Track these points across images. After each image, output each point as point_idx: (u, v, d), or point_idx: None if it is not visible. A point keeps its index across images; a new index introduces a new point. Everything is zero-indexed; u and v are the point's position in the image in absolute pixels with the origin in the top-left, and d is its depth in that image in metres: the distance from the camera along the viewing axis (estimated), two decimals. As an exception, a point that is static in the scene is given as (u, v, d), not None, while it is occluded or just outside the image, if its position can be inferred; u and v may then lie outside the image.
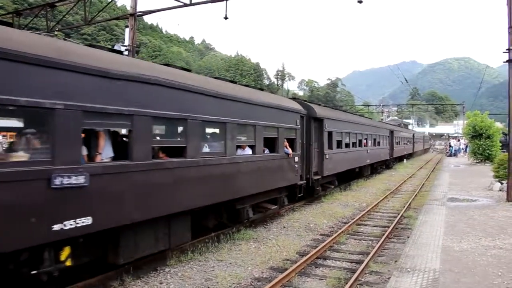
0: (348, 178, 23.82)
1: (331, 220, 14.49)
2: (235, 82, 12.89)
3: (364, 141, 26.47)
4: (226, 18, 17.55)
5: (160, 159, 8.51)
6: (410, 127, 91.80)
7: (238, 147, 11.38)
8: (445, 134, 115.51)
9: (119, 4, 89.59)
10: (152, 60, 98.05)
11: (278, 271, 8.89)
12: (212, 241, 10.75)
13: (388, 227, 13.00)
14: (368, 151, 27.29)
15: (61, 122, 6.10)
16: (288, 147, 14.08)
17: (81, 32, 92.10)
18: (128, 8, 19.36)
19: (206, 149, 10.01)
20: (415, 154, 59.15)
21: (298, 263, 9.11)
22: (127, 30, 18.91)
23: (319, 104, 21.61)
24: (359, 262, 9.50)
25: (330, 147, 18.90)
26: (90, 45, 7.73)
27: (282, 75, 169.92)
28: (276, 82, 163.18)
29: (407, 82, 55.51)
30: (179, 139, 9.17)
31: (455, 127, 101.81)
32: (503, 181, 20.25)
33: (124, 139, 8.62)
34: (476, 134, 37.53)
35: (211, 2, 16.88)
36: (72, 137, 6.33)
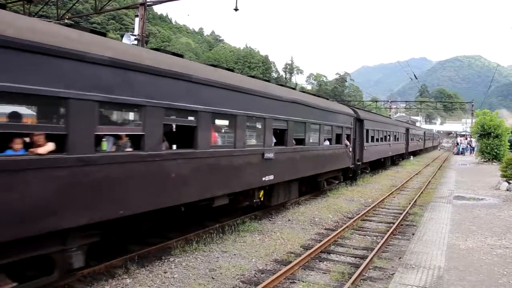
0: (375, 166, 29.48)
1: (336, 214, 14.48)
2: (316, 95, 19.18)
3: (388, 137, 31.58)
4: (236, 9, 17.49)
5: (296, 146, 14.24)
6: (417, 124, 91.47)
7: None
8: (453, 132, 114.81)
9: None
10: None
11: (282, 264, 8.91)
12: (217, 232, 10.78)
13: (393, 223, 12.98)
14: (391, 145, 32.59)
15: (246, 122, 10.95)
16: (347, 140, 20.01)
17: (91, 21, 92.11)
18: (138, -3, 19.33)
19: (310, 140, 15.41)
20: (425, 150, 63.97)
21: (302, 256, 9.13)
22: (136, 19, 18.93)
23: (359, 109, 27.83)
24: (363, 258, 9.50)
25: (367, 141, 24.22)
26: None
27: (290, 69, 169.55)
28: (284, 76, 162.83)
29: (416, 78, 55.09)
30: (301, 134, 14.65)
31: (463, 125, 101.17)
32: (510, 181, 20.17)
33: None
34: (485, 133, 37.26)
35: (222, -7, 16.81)
36: (268, 131, 11.98)
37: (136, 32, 18.56)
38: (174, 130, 9.62)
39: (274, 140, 12.65)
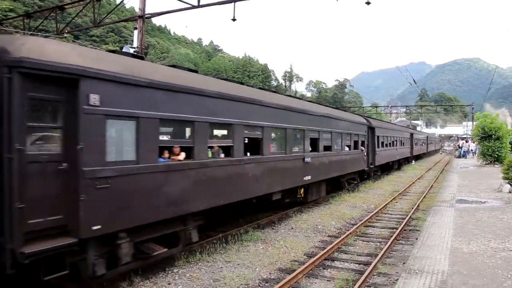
0: (384, 169, 32.14)
1: (339, 221, 14.48)
2: (338, 108, 26.71)
3: (395, 142, 34.48)
4: (234, 19, 17.58)
5: (325, 152, 17.25)
6: (418, 128, 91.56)
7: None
8: (454, 135, 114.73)
9: (127, 6, 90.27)
10: (160, 62, 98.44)
11: (286, 272, 8.92)
12: (220, 242, 10.79)
13: (396, 228, 12.98)
14: (397, 149, 35.40)
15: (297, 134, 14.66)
16: (362, 146, 23.12)
17: (90, 34, 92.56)
18: (137, 10, 19.48)
19: (336, 146, 18.50)
20: (428, 154, 66.55)
21: (306, 264, 9.14)
22: (135, 32, 19.01)
23: (371, 118, 31.58)
24: (367, 264, 9.50)
25: (378, 147, 27.17)
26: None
27: (290, 76, 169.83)
28: (284, 83, 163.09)
29: (415, 83, 55.17)
30: (328, 142, 17.68)
31: (464, 128, 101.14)
32: (512, 183, 20.09)
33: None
34: (486, 136, 37.22)
35: (219, 4, 16.93)
36: (306, 140, 15.17)
37: (135, 44, 18.65)
38: (246, 141, 12.04)
39: (310, 148, 15.63)
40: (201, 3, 17.14)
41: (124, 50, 19.26)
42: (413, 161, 46.86)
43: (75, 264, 6.84)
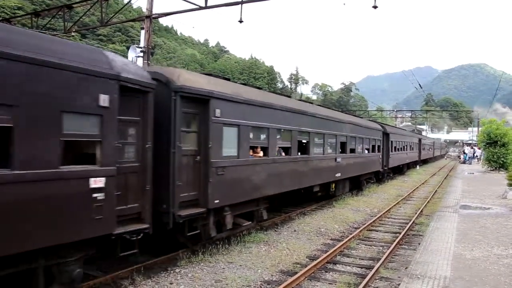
0: (395, 171, 34.25)
1: (342, 225, 14.47)
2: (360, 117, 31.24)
3: (405, 147, 37.08)
4: (241, 21, 17.60)
5: (351, 153, 20.31)
6: (424, 133, 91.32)
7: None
8: (459, 141, 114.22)
9: (135, 6, 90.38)
10: (167, 62, 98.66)
11: (288, 275, 8.92)
12: (223, 243, 10.80)
13: (399, 233, 12.94)
14: (407, 154, 38.21)
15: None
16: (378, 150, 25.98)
17: (97, 33, 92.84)
18: (144, 10, 19.57)
19: (359, 149, 21.71)
20: (434, 159, 68.97)
21: (308, 267, 9.14)
22: (142, 32, 19.08)
23: (386, 124, 35.01)
24: (370, 268, 9.49)
25: (391, 151, 30.13)
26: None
27: (295, 79, 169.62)
28: (289, 86, 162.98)
29: (421, 88, 54.99)
30: (353, 145, 20.77)
31: (470, 134, 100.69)
32: (517, 190, 20.01)
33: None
34: (491, 142, 37.07)
35: (226, 6, 16.96)
36: (337, 143, 18.34)
37: (142, 44, 18.71)
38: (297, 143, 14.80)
39: (340, 150, 18.65)
40: (208, 4, 17.19)
41: (130, 50, 19.39)
42: (418, 166, 46.77)
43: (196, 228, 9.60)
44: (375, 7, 15.20)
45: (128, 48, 22.74)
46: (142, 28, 19.16)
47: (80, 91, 6.44)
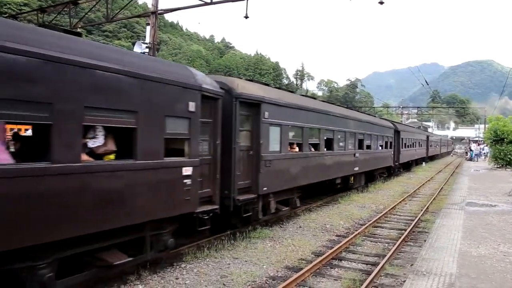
0: (404, 167, 35.90)
1: (348, 221, 14.45)
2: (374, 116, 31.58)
3: (415, 144, 39.13)
4: (246, 17, 17.58)
5: (367, 150, 22.40)
6: (430, 130, 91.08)
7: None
8: (466, 138, 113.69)
9: (140, 1, 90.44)
10: (172, 58, 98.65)
11: (293, 271, 8.93)
12: (228, 238, 10.83)
13: (405, 230, 12.91)
14: (416, 150, 40.20)
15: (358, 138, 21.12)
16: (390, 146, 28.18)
17: (103, 29, 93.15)
18: (150, 6, 19.55)
19: (374, 145, 23.86)
20: (440, 156, 69.79)
21: (314, 263, 9.14)
22: (148, 27, 19.08)
23: (397, 123, 36.99)
24: (375, 264, 9.47)
25: (402, 147, 32.12)
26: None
27: (301, 75, 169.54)
28: (295, 82, 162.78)
29: (427, 84, 54.69)
30: (369, 141, 23.07)
31: (476, 131, 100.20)
32: (524, 187, 19.90)
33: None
34: (498, 139, 36.87)
35: (232, 1, 16.92)
36: (356, 140, 20.64)
37: (147, 40, 18.71)
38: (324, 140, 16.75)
39: (358, 146, 20.54)
40: (213, 0, 17.17)
41: (136, 46, 19.37)
42: (424, 163, 46.71)
43: (248, 211, 11.30)
44: (381, 2, 15.15)
45: (133, 44, 22.75)
46: (148, 24, 19.17)
47: (178, 100, 8.30)
